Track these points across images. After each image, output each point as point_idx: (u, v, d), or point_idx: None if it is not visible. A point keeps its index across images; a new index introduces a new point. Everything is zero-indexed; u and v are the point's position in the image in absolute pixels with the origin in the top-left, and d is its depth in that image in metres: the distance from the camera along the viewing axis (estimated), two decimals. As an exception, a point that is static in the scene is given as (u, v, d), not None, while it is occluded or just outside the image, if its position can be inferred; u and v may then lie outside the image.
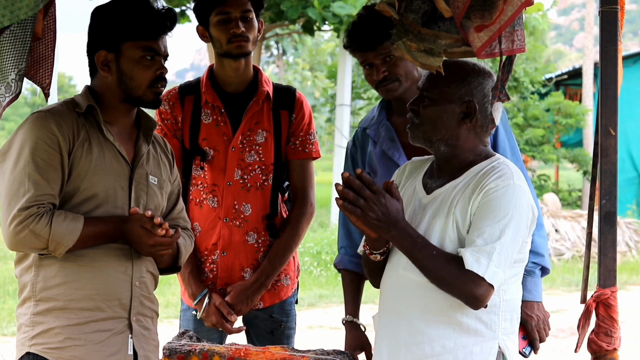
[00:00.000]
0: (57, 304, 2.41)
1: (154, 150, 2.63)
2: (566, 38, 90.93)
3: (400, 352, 2.28)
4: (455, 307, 2.21)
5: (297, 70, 31.14)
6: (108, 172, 2.45)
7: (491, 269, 2.13)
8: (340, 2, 11.50)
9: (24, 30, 2.38)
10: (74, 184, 2.40)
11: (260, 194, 3.13)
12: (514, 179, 2.20)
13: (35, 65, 2.41)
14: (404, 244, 2.20)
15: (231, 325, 3.11)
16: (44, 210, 2.32)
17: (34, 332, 2.40)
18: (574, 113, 16.40)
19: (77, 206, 2.41)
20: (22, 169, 2.34)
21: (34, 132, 2.36)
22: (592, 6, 19.25)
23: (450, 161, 2.32)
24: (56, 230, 2.32)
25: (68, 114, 2.42)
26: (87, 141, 2.42)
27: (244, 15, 3.01)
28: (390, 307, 2.34)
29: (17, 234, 2.32)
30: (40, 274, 2.41)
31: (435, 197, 2.31)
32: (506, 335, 2.27)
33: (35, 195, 2.32)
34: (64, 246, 2.35)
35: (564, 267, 10.89)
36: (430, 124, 2.29)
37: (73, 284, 2.41)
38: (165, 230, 2.42)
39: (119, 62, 2.45)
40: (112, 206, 2.46)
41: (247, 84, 3.15)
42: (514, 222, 2.16)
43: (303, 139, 3.19)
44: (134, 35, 2.43)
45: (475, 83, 2.28)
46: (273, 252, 3.13)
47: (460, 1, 2.21)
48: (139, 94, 2.47)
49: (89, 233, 2.38)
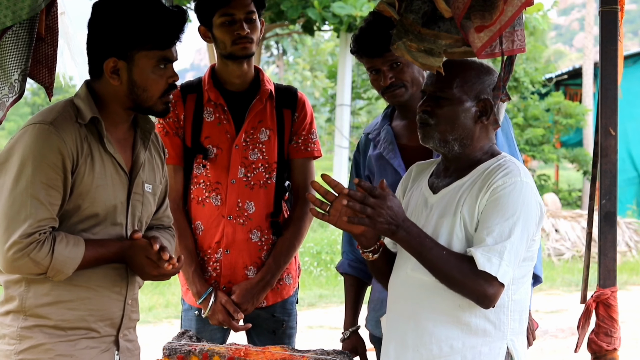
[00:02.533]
0: (48, 322, 2.31)
1: (149, 153, 2.52)
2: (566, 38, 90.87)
3: (408, 353, 2.28)
4: (464, 308, 2.21)
5: (297, 70, 31.14)
6: (108, 189, 2.34)
7: (502, 268, 2.13)
8: (340, 2, 11.51)
9: (26, 31, 2.37)
10: (74, 202, 2.28)
11: (263, 192, 3.13)
12: (521, 176, 2.20)
13: (37, 65, 2.41)
14: (412, 244, 2.19)
15: (237, 323, 3.12)
16: (44, 237, 2.20)
17: (22, 347, 2.30)
18: (574, 113, 16.41)
19: (76, 225, 2.30)
20: (23, 190, 2.20)
21: (37, 149, 2.21)
22: (592, 6, 19.24)
23: (459, 160, 2.32)
24: (57, 259, 2.22)
25: (71, 127, 2.27)
26: (90, 156, 2.30)
27: (248, 17, 3.01)
28: (398, 308, 2.34)
29: (15, 260, 2.20)
30: (31, 290, 2.30)
31: (442, 196, 2.31)
32: (514, 336, 2.26)
33: (37, 221, 2.19)
34: (64, 274, 2.26)
35: (564, 267, 10.89)
36: (448, 124, 2.28)
37: (67, 304, 2.32)
38: (170, 266, 2.36)
39: (131, 71, 2.29)
40: (111, 223, 2.37)
41: (249, 82, 3.15)
42: (522, 220, 2.17)
43: (305, 138, 3.19)
44: (149, 44, 2.28)
45: (488, 81, 2.29)
46: (277, 250, 3.14)
47: (461, 1, 2.21)
48: (150, 104, 2.34)
49: (89, 258, 2.29)
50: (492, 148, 2.35)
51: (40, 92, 31.48)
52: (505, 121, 2.70)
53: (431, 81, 2.34)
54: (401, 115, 2.95)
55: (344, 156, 13.46)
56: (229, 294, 3.10)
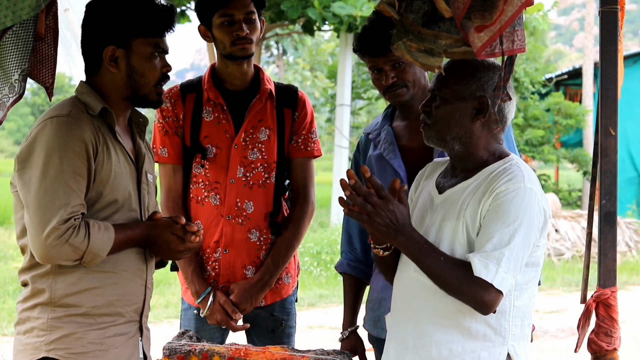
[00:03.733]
0: (79, 310, 2.36)
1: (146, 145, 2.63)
2: (566, 38, 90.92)
3: (408, 354, 2.27)
4: (465, 312, 2.19)
5: (297, 70, 31.14)
6: (124, 176, 2.44)
7: (500, 275, 2.11)
8: (340, 2, 11.50)
9: (26, 31, 2.37)
10: (97, 190, 2.36)
11: (262, 191, 3.13)
12: (524, 182, 2.17)
13: (38, 65, 2.41)
14: (411, 250, 2.18)
15: (235, 323, 3.12)
16: (79, 223, 2.28)
17: (53, 337, 2.34)
18: (574, 113, 16.41)
19: (98, 212, 2.37)
20: (54, 179, 2.26)
21: (60, 139, 2.29)
22: (592, 6, 19.24)
23: (465, 160, 2.30)
24: (94, 242, 2.28)
25: (85, 118, 2.37)
26: (106, 145, 2.39)
27: (248, 17, 3.01)
28: (400, 309, 2.34)
29: (54, 247, 2.25)
30: (59, 281, 2.35)
31: (447, 197, 2.29)
32: (516, 341, 2.24)
33: (71, 207, 2.26)
34: (100, 257, 2.32)
35: (564, 267, 10.90)
36: (443, 123, 2.27)
37: (96, 290, 2.37)
38: (198, 237, 2.45)
39: (129, 58, 2.41)
40: (128, 210, 2.45)
41: (249, 82, 3.15)
42: (524, 227, 2.14)
43: (305, 137, 3.19)
44: (145, 31, 2.40)
45: (485, 78, 2.27)
46: (276, 250, 3.13)
47: (461, 1, 2.21)
48: (146, 92, 2.45)
49: (119, 241, 2.36)
50: (500, 149, 2.32)
51: (40, 92, 31.49)
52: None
53: (433, 81, 2.34)
54: (402, 115, 2.95)
55: (344, 156, 13.46)
56: (228, 293, 3.10)
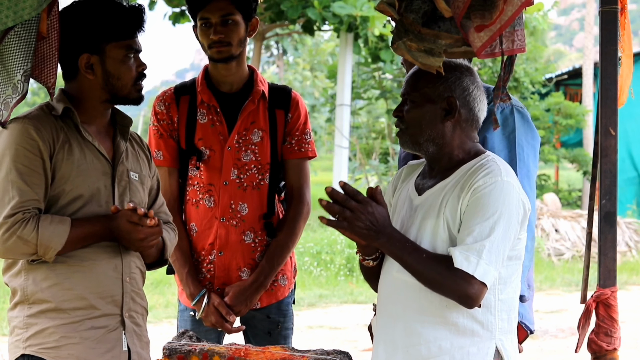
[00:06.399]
0: (50, 305, 2.41)
1: (131, 147, 2.66)
2: (566, 38, 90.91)
3: (397, 354, 2.27)
4: (451, 308, 2.20)
5: (297, 70, 31.13)
6: (90, 172, 2.47)
7: (481, 266, 2.12)
8: (340, 2, 11.52)
9: (28, 31, 2.37)
10: (58, 187, 2.42)
11: (256, 193, 3.13)
12: (501, 176, 2.19)
13: (40, 64, 2.41)
14: (393, 250, 2.20)
15: (230, 325, 3.12)
16: (29, 216, 2.34)
17: (28, 334, 2.41)
18: (574, 113, 16.41)
19: (63, 208, 2.43)
20: (4, 177, 2.36)
21: (13, 139, 2.38)
22: (592, 6, 19.24)
23: (440, 161, 2.32)
24: (43, 234, 2.33)
25: (45, 118, 2.45)
26: (67, 143, 2.45)
27: (224, 20, 3.00)
28: (386, 310, 2.34)
29: (4, 241, 2.33)
30: (30, 278, 2.42)
31: (426, 198, 2.31)
32: (503, 335, 2.25)
33: (19, 202, 2.34)
34: (53, 249, 2.36)
35: (564, 267, 10.90)
36: (415, 127, 2.30)
37: (64, 284, 2.42)
38: (153, 220, 2.45)
39: (104, 63, 2.48)
40: (97, 205, 2.48)
41: (243, 83, 3.14)
42: (503, 219, 2.15)
43: (299, 139, 3.18)
44: (116, 35, 2.47)
45: (452, 78, 2.28)
46: (271, 252, 3.13)
47: (461, 1, 2.21)
48: (125, 92, 2.51)
49: (77, 235, 2.40)
50: (476, 147, 2.34)
51: (40, 92, 31.48)
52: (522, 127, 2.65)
53: (404, 86, 2.36)
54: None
55: (344, 156, 13.45)
56: (223, 295, 3.10)
